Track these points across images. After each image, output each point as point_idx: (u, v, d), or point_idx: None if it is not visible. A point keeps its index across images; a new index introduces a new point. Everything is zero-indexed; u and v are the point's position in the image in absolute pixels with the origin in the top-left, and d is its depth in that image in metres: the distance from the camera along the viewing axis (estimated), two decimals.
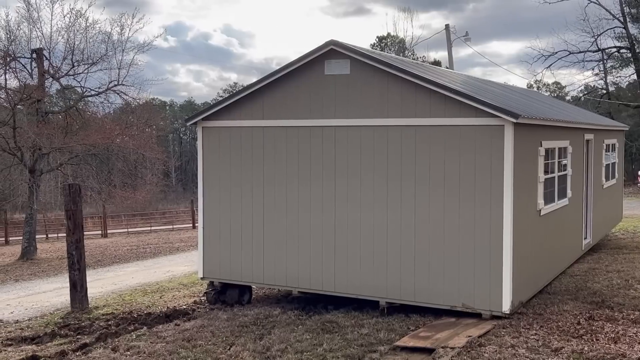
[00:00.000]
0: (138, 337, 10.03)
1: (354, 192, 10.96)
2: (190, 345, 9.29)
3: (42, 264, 22.29)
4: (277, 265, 11.72)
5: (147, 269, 19.44)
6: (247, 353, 8.71)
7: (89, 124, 27.89)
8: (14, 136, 23.83)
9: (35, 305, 13.51)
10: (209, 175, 12.41)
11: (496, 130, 9.88)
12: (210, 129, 12.35)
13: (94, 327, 10.86)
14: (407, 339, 8.95)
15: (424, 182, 10.39)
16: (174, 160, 66.94)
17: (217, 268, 12.37)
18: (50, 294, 14.87)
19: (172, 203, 61.90)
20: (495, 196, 9.88)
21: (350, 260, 11.01)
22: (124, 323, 11.07)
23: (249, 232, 11.99)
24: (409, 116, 10.48)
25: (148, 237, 33.60)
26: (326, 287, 11.29)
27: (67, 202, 12.69)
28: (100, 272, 19.00)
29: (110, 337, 10.01)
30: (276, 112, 11.65)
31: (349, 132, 10.97)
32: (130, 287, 15.58)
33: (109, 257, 23.60)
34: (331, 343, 9.03)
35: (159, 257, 23.19)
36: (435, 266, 10.33)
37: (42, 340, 10.11)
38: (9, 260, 24.33)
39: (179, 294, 14.16)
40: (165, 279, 16.87)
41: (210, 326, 10.40)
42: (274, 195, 11.70)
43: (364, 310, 10.88)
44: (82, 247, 12.67)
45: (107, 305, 13.07)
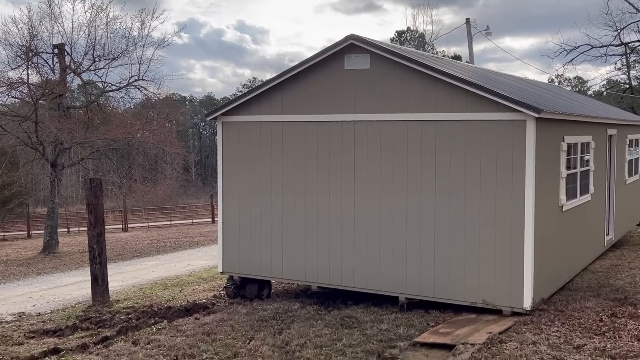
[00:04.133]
0: (158, 330, 10.10)
1: (374, 188, 10.92)
2: (210, 339, 9.33)
3: (63, 258, 22.54)
4: (296, 260, 11.72)
5: (167, 263, 19.57)
6: (266, 347, 8.72)
7: (109, 119, 28.10)
8: (36, 131, 24.07)
9: (57, 298, 13.65)
10: (228, 170, 12.44)
11: (518, 125, 9.78)
12: (230, 123, 12.37)
13: (114, 320, 10.95)
14: (426, 335, 8.91)
15: (444, 177, 10.32)
16: (193, 155, 67.35)
17: (236, 263, 12.40)
18: (72, 287, 15.02)
19: (192, 197, 62.24)
20: (517, 192, 9.79)
21: (370, 256, 10.98)
22: (145, 316, 11.15)
23: (268, 227, 12.01)
24: (430, 111, 10.40)
25: (168, 231, 33.83)
26: (345, 283, 11.27)
27: (89, 196, 12.79)
28: (121, 265, 19.16)
29: (131, 331, 10.08)
30: (295, 107, 11.63)
31: (368, 127, 10.93)
32: (150, 281, 15.69)
33: (130, 251, 23.79)
34: (350, 338, 9.01)
35: (179, 251, 23.33)
36: (456, 262, 10.27)
37: (64, 333, 10.22)
38: (31, 254, 24.63)
39: (199, 288, 14.22)
40: (185, 273, 16.96)
41: (230, 320, 10.43)
42: (293, 190, 11.69)
43: (383, 306, 10.85)
44: (103, 240, 12.77)
45: (127, 298, 13.17)
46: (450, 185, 10.28)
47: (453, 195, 10.26)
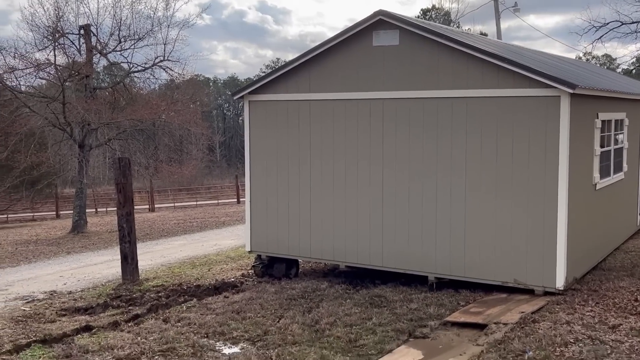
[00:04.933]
0: (188, 308, 10.14)
1: (403, 166, 10.79)
2: (239, 317, 9.34)
3: (92, 237, 22.79)
4: (324, 239, 11.67)
5: (194, 243, 19.67)
6: (296, 326, 8.71)
7: (135, 100, 28.21)
8: (63, 112, 24.25)
9: (87, 276, 13.80)
10: (255, 149, 12.39)
11: (552, 101, 9.56)
12: (257, 102, 12.30)
13: (144, 298, 11.03)
14: (457, 315, 8.82)
15: (475, 155, 10.16)
16: (218, 135, 67.55)
17: (264, 242, 12.40)
18: (102, 266, 15.17)
19: (217, 178, 62.51)
20: (550, 169, 9.60)
21: (399, 235, 10.89)
22: (174, 295, 11.21)
23: (295, 205, 11.96)
24: (460, 87, 10.22)
25: (194, 212, 34.04)
26: (374, 262, 11.21)
27: (117, 176, 12.85)
28: (149, 245, 19.30)
29: (161, 309, 10.14)
30: (323, 85, 11.51)
31: (397, 105, 10.78)
32: (178, 260, 15.79)
33: (157, 231, 23.96)
34: (380, 317, 8.97)
35: (206, 231, 23.44)
36: (487, 241, 10.13)
37: (95, 310, 10.32)
38: (60, 234, 24.95)
39: (227, 267, 14.27)
40: (213, 252, 17.04)
41: (259, 299, 10.44)
42: (321, 168, 11.62)
43: (412, 285, 10.77)
44: (132, 219, 12.84)
45: (157, 277, 13.26)
46: (481, 163, 10.12)
47: (484, 173, 10.10)
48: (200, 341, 8.27)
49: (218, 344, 8.24)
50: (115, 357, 7.70)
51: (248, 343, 8.24)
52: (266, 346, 7.99)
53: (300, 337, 8.25)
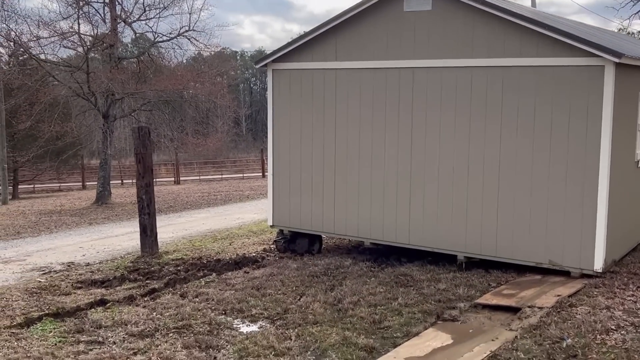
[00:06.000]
0: (207, 283, 9.81)
1: (433, 140, 10.25)
2: (259, 294, 8.98)
3: (115, 209, 22.65)
4: (348, 215, 11.22)
5: (217, 216, 19.40)
6: (317, 304, 8.31)
7: (161, 72, 27.88)
8: (87, 81, 24.00)
9: (107, 248, 13.56)
10: (279, 121, 11.93)
11: (595, 71, 8.91)
12: (281, 71, 11.81)
13: (163, 272, 10.72)
14: (489, 297, 8.33)
15: (511, 129, 9.57)
16: (244, 109, 67.25)
17: (287, 216, 11.99)
18: (122, 238, 14.94)
19: (242, 152, 62.37)
20: (592, 144, 8.99)
21: (427, 212, 10.39)
22: (193, 269, 10.89)
23: (319, 180, 11.51)
24: (496, 56, 9.61)
25: (219, 185, 33.85)
26: (400, 239, 10.74)
27: (137, 145, 12.50)
28: (171, 217, 19.08)
29: (179, 283, 9.82)
30: (350, 53, 10.97)
31: (428, 74, 10.20)
32: (200, 233, 15.50)
33: (181, 203, 23.77)
34: (406, 297, 8.52)
35: (229, 205, 23.18)
36: (521, 220, 9.58)
37: (112, 283, 10.03)
38: (84, 204, 24.88)
39: (249, 242, 13.93)
40: (235, 226, 16.72)
41: (280, 275, 10.06)
42: (347, 141, 11.12)
43: (440, 264, 10.30)
44: (151, 191, 12.51)
45: (177, 250, 12.97)
46: (517, 137, 9.53)
47: (520, 147, 9.52)
48: (217, 318, 7.92)
49: (236, 322, 7.88)
50: (128, 333, 7.38)
51: (267, 321, 7.87)
52: (286, 325, 7.61)
53: (321, 316, 7.85)
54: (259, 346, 6.77)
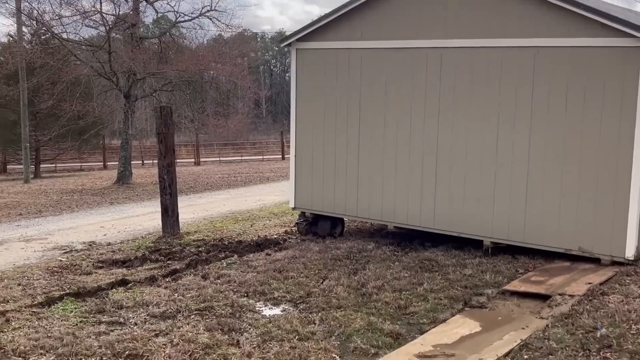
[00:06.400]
0: (229, 265, 9.70)
1: (461, 122, 10.00)
2: (281, 277, 8.85)
3: (136, 189, 22.67)
4: (372, 198, 11.03)
5: (238, 197, 19.31)
6: (341, 288, 8.16)
7: (182, 52, 27.74)
8: (109, 60, 23.93)
9: (128, 228, 13.52)
10: (302, 102, 11.73)
11: (631, 52, 8.59)
12: (305, 51, 11.59)
13: (184, 253, 10.63)
14: (517, 283, 8.12)
15: (542, 111, 9.28)
16: (264, 90, 67.05)
17: (309, 199, 11.84)
18: (143, 218, 14.90)
19: (262, 134, 62.24)
20: (626, 127, 8.68)
21: (453, 196, 10.16)
22: (215, 250, 10.79)
23: (343, 162, 11.32)
24: (528, 36, 9.30)
25: (239, 167, 33.80)
26: (425, 224, 10.53)
27: (159, 125, 12.39)
28: (192, 198, 19.03)
29: (201, 264, 9.73)
30: (376, 33, 10.71)
31: (457, 55, 9.93)
32: (221, 214, 15.41)
33: (202, 184, 23.73)
34: (432, 283, 8.33)
35: (250, 186, 23.10)
36: (550, 205, 9.32)
37: (133, 264, 9.96)
38: (105, 184, 24.95)
39: (270, 223, 13.81)
40: (256, 207, 16.62)
41: (302, 258, 9.92)
42: (372, 122, 10.90)
43: (465, 249, 10.09)
44: (173, 171, 12.41)
45: (198, 231, 12.89)
46: (548, 121, 9.25)
47: (551, 131, 9.23)
48: (239, 300, 7.80)
49: (258, 305, 7.76)
50: (149, 314, 7.28)
51: (290, 305, 7.73)
52: (309, 309, 7.47)
53: (345, 300, 7.70)
54: (283, 330, 6.64)
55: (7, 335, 6.57)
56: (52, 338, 6.41)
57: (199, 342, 6.30)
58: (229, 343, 6.32)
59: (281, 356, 5.90)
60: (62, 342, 6.28)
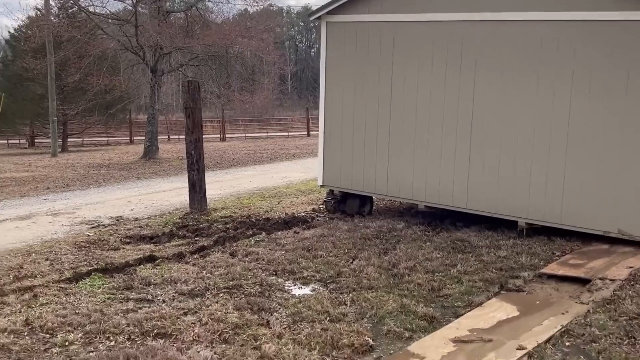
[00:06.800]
0: (257, 242, 9.56)
1: (496, 98, 9.67)
2: (310, 256, 8.67)
3: (163, 164, 22.65)
4: (402, 176, 10.78)
5: (264, 174, 19.18)
6: (371, 269, 7.96)
7: (208, 26, 27.52)
8: (136, 34, 23.81)
9: (155, 203, 13.45)
10: (331, 76, 11.46)
11: None
12: (335, 24, 11.29)
13: (212, 229, 10.51)
14: (555, 266, 7.85)
15: (583, 89, 8.91)
16: (290, 66, 66.60)
17: (337, 176, 11.62)
18: (170, 194, 14.83)
19: (288, 110, 61.99)
20: None
21: (487, 175, 9.87)
22: (242, 227, 10.65)
23: (373, 139, 11.07)
24: (571, 9, 8.89)
25: (264, 143, 33.66)
26: (457, 203, 10.27)
27: (186, 100, 12.22)
28: (218, 174, 18.94)
29: (228, 241, 9.60)
30: (409, 5, 10.38)
31: (494, 27, 9.56)
32: (248, 191, 15.29)
33: (227, 161, 23.65)
34: (466, 264, 8.09)
35: (276, 163, 22.95)
36: (589, 186, 8.99)
37: (160, 240, 9.87)
38: (132, 159, 25.00)
39: (297, 201, 13.65)
40: (283, 184, 16.47)
41: (331, 236, 9.74)
42: (403, 98, 10.61)
43: (498, 230, 9.82)
44: (200, 147, 12.26)
45: (225, 207, 12.77)
46: (589, 98, 8.88)
47: (591, 109, 8.87)
48: (268, 279, 7.65)
49: (287, 284, 7.60)
50: (177, 292, 7.17)
51: (320, 284, 7.56)
52: (339, 289, 7.29)
53: (376, 281, 7.50)
54: (313, 310, 6.47)
55: (34, 311, 6.50)
56: (80, 315, 6.32)
57: (228, 321, 6.16)
58: (259, 323, 6.17)
59: (312, 338, 5.73)
60: (89, 319, 6.19)
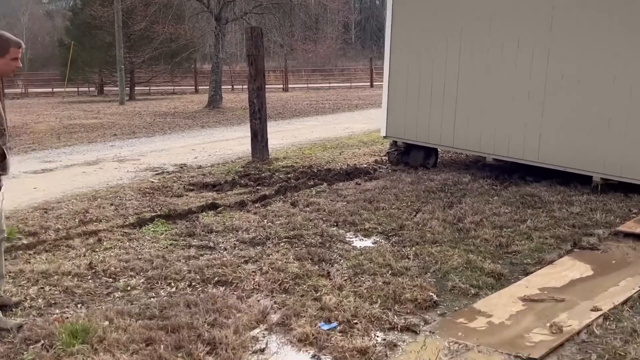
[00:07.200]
0: (318, 193, 9.43)
1: (574, 44, 9.08)
2: (372, 208, 8.49)
3: (226, 113, 22.74)
4: (470, 128, 10.38)
5: (326, 125, 18.99)
6: (436, 222, 7.71)
7: None
8: None
9: (218, 152, 13.49)
10: (398, 25, 11.04)
11: None
12: None
13: (273, 178, 10.44)
14: (632, 224, 7.41)
15: None
16: (354, 14, 65.43)
17: (401, 127, 11.31)
18: (233, 142, 14.86)
19: (351, 61, 61.14)
20: None
21: (561, 126, 9.37)
22: (304, 177, 10.54)
23: (440, 90, 10.66)
24: None
25: (327, 93, 33.35)
26: (527, 156, 9.83)
27: (249, 47, 12.05)
28: (280, 124, 18.87)
29: (290, 191, 9.51)
30: None
31: None
32: (309, 141, 15.16)
33: (289, 111, 23.54)
34: (536, 220, 7.74)
35: (338, 114, 22.71)
36: None
37: (222, 188, 9.87)
38: (196, 108, 25.21)
39: (359, 152, 13.43)
40: (345, 135, 16.25)
41: (394, 188, 9.52)
42: (473, 44, 10.13)
43: (571, 186, 9.38)
44: (263, 95, 12.14)
45: (286, 157, 12.69)
46: None
47: None
48: (329, 230, 7.51)
49: (348, 235, 7.45)
50: (239, 240, 7.13)
51: (381, 237, 7.38)
52: (402, 242, 7.09)
53: (441, 235, 7.26)
54: (375, 263, 6.30)
55: (98, 255, 6.59)
56: (142, 260, 6.36)
57: (288, 271, 6.07)
58: (319, 274, 6.05)
59: (374, 291, 5.58)
60: (151, 265, 6.22)
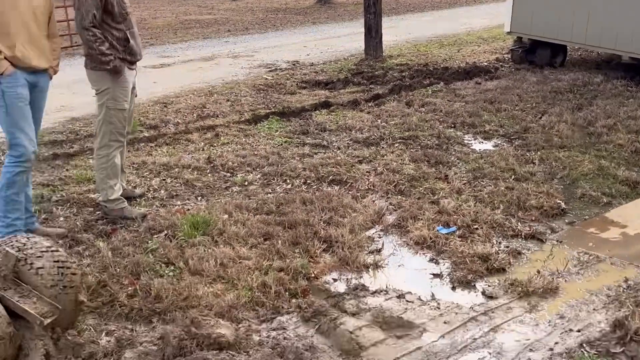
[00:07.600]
0: (434, 92, 9.04)
1: None
2: (493, 108, 8.03)
3: (338, 9, 22.14)
4: (605, 23, 9.43)
5: (442, 20, 18.09)
6: (563, 125, 7.19)
7: None
8: None
9: (330, 49, 13.19)
10: None
11: None
12: None
13: (387, 77, 10.08)
14: None
15: None
16: None
17: (527, 23, 10.47)
18: (345, 39, 14.46)
19: None
20: None
21: None
22: (419, 76, 10.10)
23: None
24: None
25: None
26: None
27: None
28: (394, 20, 18.13)
29: (404, 90, 9.15)
30: None
31: None
32: (425, 38, 14.49)
33: (403, 5, 22.60)
34: None
35: (455, 8, 21.56)
36: None
37: (335, 86, 9.65)
38: (308, 4, 24.68)
39: (479, 49, 12.69)
40: (463, 31, 15.41)
41: (517, 89, 8.94)
42: None
43: None
44: None
45: (401, 55, 12.20)
46: None
47: None
48: (446, 132, 7.19)
49: (467, 137, 7.11)
50: (352, 140, 6.98)
51: (503, 140, 6.99)
52: (526, 146, 6.68)
53: (569, 140, 6.77)
54: (496, 167, 5.98)
55: (216, 150, 6.66)
56: (258, 156, 6.37)
57: (404, 172, 5.88)
58: (436, 177, 5.83)
59: (496, 197, 5.30)
60: (267, 161, 6.22)
